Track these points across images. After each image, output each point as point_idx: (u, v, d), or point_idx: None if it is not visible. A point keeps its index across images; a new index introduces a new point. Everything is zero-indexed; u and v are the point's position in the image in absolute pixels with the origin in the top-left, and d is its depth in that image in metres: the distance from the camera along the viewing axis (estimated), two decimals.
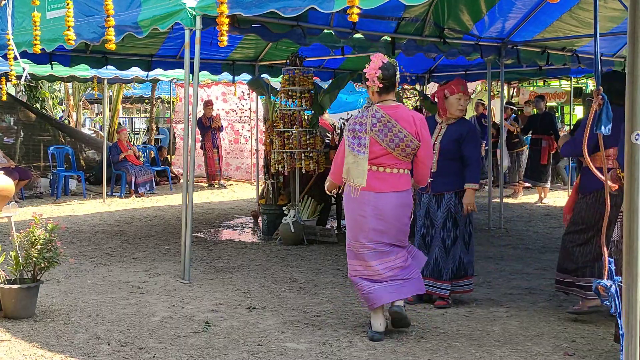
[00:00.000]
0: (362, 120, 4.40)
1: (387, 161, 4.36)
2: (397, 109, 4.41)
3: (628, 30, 2.46)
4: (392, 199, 4.39)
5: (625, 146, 2.49)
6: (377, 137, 4.33)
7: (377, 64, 4.37)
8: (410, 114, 4.44)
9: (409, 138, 4.32)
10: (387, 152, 4.34)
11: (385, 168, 4.37)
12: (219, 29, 4.91)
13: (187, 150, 6.19)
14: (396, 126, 4.31)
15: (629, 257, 2.50)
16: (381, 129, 4.33)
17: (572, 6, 7.95)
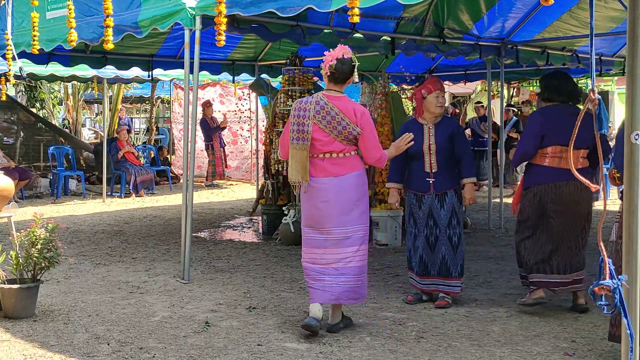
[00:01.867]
0: (306, 106, 4.52)
1: (336, 148, 4.47)
2: (341, 99, 4.52)
3: (628, 30, 2.47)
4: (352, 179, 4.50)
5: (625, 146, 2.49)
6: (320, 124, 4.45)
7: (336, 55, 4.54)
8: (352, 105, 4.52)
9: (351, 126, 4.43)
10: (333, 139, 4.45)
11: (338, 154, 4.48)
12: (217, 28, 4.91)
13: (187, 150, 6.19)
14: (339, 114, 4.44)
15: (629, 257, 2.50)
16: (324, 115, 4.45)
17: (571, 6, 7.95)
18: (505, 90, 15.46)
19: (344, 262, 4.49)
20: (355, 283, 4.52)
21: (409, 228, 5.37)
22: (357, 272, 4.52)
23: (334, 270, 4.48)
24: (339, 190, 4.45)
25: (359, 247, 4.51)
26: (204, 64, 10.24)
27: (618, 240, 4.14)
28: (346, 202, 4.47)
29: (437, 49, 8.30)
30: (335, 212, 4.46)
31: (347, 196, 4.46)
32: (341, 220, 4.47)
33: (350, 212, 4.48)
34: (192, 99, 7.03)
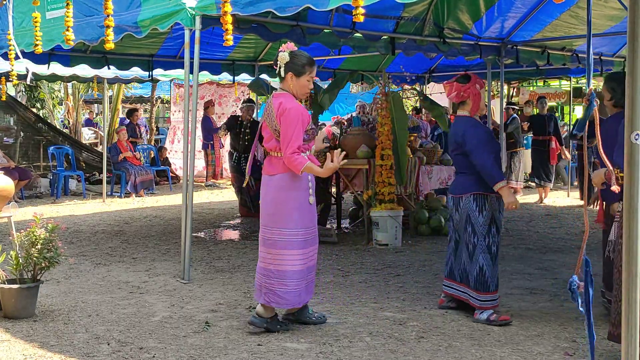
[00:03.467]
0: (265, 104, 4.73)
1: (270, 145, 4.55)
2: (280, 96, 4.55)
3: (628, 30, 2.46)
4: (276, 181, 4.53)
5: (625, 146, 2.49)
6: (266, 120, 4.57)
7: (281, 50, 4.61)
8: (279, 101, 4.49)
9: (275, 122, 4.49)
10: (271, 137, 4.55)
11: (271, 152, 4.55)
12: (224, 28, 4.91)
13: (187, 150, 6.19)
14: (272, 110, 4.51)
15: (629, 257, 2.50)
16: (268, 113, 4.56)
17: (571, 5, 7.96)
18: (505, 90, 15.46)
19: (266, 263, 4.56)
20: (278, 287, 4.49)
21: None
22: (279, 276, 4.49)
23: (260, 269, 4.61)
24: (265, 190, 4.58)
25: (278, 251, 4.51)
26: (204, 63, 10.25)
27: (618, 240, 4.14)
28: (270, 202, 4.54)
29: (437, 49, 8.30)
30: (264, 209, 4.59)
31: (269, 196, 4.55)
32: (267, 219, 4.56)
33: (273, 213, 4.52)
34: (192, 99, 7.03)
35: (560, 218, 9.83)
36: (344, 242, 8.08)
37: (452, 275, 5.08)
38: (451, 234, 5.11)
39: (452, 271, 5.07)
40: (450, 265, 5.10)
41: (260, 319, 4.54)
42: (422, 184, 8.60)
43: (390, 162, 7.80)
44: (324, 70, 11.68)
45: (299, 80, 4.51)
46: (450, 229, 5.12)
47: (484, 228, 4.86)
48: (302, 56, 4.54)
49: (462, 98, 4.93)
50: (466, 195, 4.89)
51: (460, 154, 4.94)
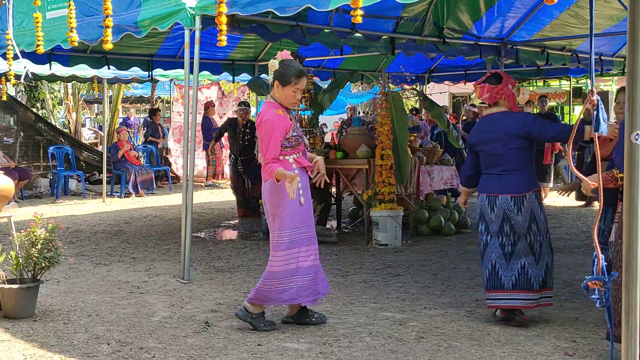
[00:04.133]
0: None
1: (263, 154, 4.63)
2: (265, 104, 4.64)
3: (628, 30, 2.46)
4: (268, 186, 4.60)
5: (625, 146, 2.49)
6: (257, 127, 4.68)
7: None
8: (262, 110, 4.59)
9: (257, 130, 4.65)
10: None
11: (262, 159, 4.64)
12: (219, 28, 4.91)
13: (187, 150, 6.19)
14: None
15: (629, 257, 2.50)
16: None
17: (570, 5, 7.96)
18: None
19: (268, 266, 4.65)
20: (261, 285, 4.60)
21: None
22: (265, 276, 4.60)
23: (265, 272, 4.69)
24: (264, 196, 4.67)
25: (276, 253, 4.59)
26: (204, 64, 10.25)
27: (618, 241, 4.14)
28: (266, 207, 4.67)
29: (437, 49, 8.31)
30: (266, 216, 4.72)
31: (267, 202, 4.63)
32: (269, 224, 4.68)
33: (270, 217, 4.63)
34: (192, 99, 7.03)
35: (560, 218, 9.83)
36: (344, 242, 8.08)
37: (500, 285, 4.67)
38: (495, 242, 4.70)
39: (501, 280, 4.66)
40: (499, 274, 4.67)
41: (246, 312, 4.61)
42: (422, 184, 8.60)
43: (390, 162, 7.80)
44: (324, 70, 11.68)
45: (284, 90, 4.54)
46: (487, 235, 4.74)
47: (545, 224, 4.74)
48: (291, 67, 4.54)
49: (495, 99, 4.79)
50: (529, 193, 4.65)
51: (514, 148, 4.65)
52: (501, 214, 4.66)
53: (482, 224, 4.79)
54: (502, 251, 4.67)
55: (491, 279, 4.70)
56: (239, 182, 10.19)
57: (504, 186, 4.66)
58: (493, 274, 4.70)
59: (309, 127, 8.18)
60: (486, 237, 4.75)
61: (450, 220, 8.69)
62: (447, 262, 6.94)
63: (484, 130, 4.85)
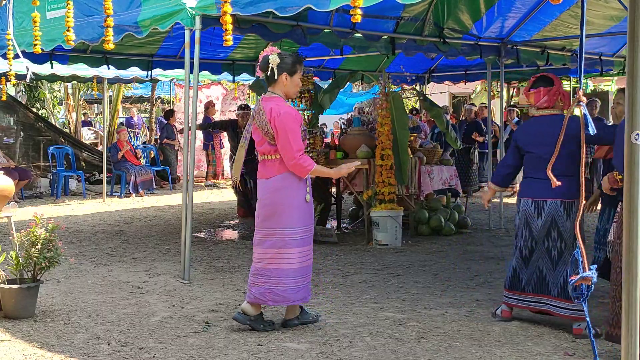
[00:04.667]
0: (254, 108, 4.69)
1: (264, 149, 4.56)
2: (271, 100, 4.56)
3: (628, 30, 2.46)
4: (274, 182, 4.55)
5: (625, 146, 2.49)
6: (256, 124, 4.57)
7: (261, 55, 4.61)
8: (272, 106, 4.51)
9: (268, 126, 4.50)
10: (264, 140, 4.55)
11: (265, 155, 4.57)
12: (224, 28, 4.91)
13: (187, 150, 6.19)
14: (263, 114, 4.52)
15: (629, 257, 2.50)
16: (258, 116, 4.55)
17: (571, 5, 7.95)
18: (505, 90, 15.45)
19: (264, 263, 4.55)
20: (275, 285, 4.53)
21: None
22: (278, 275, 4.53)
23: (255, 270, 4.60)
24: (263, 192, 4.59)
25: (277, 250, 4.52)
26: (204, 63, 10.24)
27: (617, 241, 4.14)
28: (269, 205, 4.55)
29: (437, 49, 8.31)
30: (261, 213, 4.59)
31: (269, 199, 4.55)
32: (265, 222, 4.57)
33: (271, 215, 4.54)
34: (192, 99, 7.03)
35: None
36: (344, 242, 8.09)
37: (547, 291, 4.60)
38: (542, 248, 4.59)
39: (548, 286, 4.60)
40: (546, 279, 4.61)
41: (244, 316, 4.58)
42: (423, 184, 8.60)
43: (390, 162, 7.80)
44: (324, 70, 11.68)
45: (293, 79, 4.56)
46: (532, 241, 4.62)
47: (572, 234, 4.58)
48: (291, 56, 4.62)
49: (553, 101, 4.62)
50: (577, 200, 4.48)
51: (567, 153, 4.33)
52: (549, 220, 4.54)
53: (525, 230, 4.64)
54: (549, 257, 4.57)
55: (539, 284, 4.62)
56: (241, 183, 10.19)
57: (553, 191, 4.27)
58: (540, 279, 4.62)
59: (309, 127, 8.17)
60: (531, 243, 4.63)
61: (450, 220, 8.70)
62: (447, 262, 6.94)
63: (536, 132, 4.64)
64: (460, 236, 8.53)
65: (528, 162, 4.70)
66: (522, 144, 4.76)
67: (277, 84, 4.55)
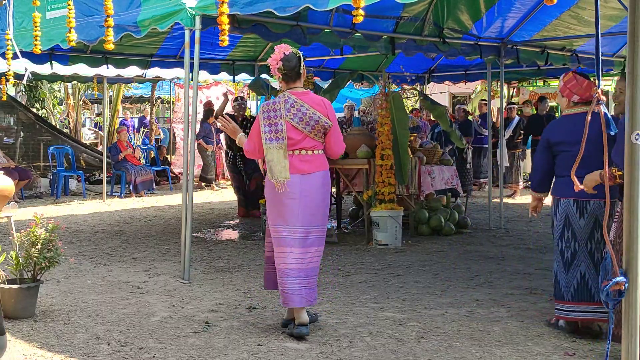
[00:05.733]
0: (275, 106, 4.47)
1: (307, 144, 4.46)
2: (308, 94, 4.54)
3: (628, 30, 2.46)
4: (319, 178, 4.49)
5: (625, 146, 2.49)
6: (292, 122, 4.42)
7: (279, 56, 4.51)
8: (320, 98, 4.58)
9: (323, 119, 4.44)
10: (305, 136, 4.45)
11: (307, 150, 4.48)
12: (221, 28, 4.91)
13: (187, 150, 6.19)
14: (309, 109, 4.43)
15: (629, 257, 2.50)
16: (295, 113, 4.43)
17: (571, 5, 7.96)
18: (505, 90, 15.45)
19: (306, 263, 4.46)
20: (312, 285, 4.48)
21: None
22: (313, 274, 4.51)
23: (300, 272, 4.44)
24: (304, 188, 4.44)
25: (317, 248, 4.51)
26: (204, 63, 10.25)
27: (617, 240, 4.14)
28: (311, 201, 4.45)
29: (437, 48, 8.31)
30: (299, 210, 4.43)
31: (312, 195, 4.45)
32: (305, 219, 4.45)
33: (314, 211, 4.47)
34: (192, 99, 7.03)
35: None
36: (344, 242, 8.08)
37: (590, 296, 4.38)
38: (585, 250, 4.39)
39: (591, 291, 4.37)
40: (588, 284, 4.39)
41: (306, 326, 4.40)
42: (423, 184, 8.60)
43: (390, 162, 7.81)
44: (324, 70, 11.68)
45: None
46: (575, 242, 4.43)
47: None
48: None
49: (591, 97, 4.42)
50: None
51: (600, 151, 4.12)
52: (592, 220, 4.37)
53: (567, 231, 4.43)
54: (591, 260, 4.39)
55: (579, 289, 4.39)
56: (240, 181, 10.17)
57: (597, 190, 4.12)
58: (582, 284, 4.39)
59: None
60: (574, 245, 4.41)
61: (450, 220, 8.70)
62: (448, 262, 6.94)
63: (572, 129, 4.40)
64: (460, 236, 8.53)
65: (563, 160, 4.50)
66: (557, 142, 4.53)
67: (301, 78, 4.56)
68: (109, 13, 5.13)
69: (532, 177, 5.01)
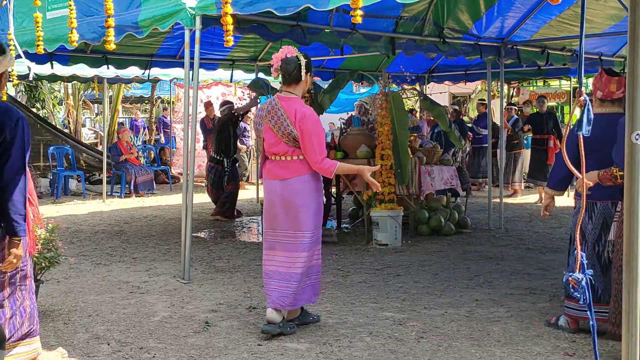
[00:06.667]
0: (264, 106, 4.58)
1: (280, 149, 4.47)
2: (290, 100, 4.50)
3: (628, 30, 2.46)
4: (297, 183, 4.47)
5: (625, 146, 2.49)
6: (269, 124, 4.47)
7: (281, 56, 4.51)
8: (296, 107, 4.45)
9: (290, 127, 4.42)
10: (278, 140, 4.46)
11: (282, 156, 4.47)
12: (225, 29, 4.91)
13: (187, 150, 6.20)
14: (283, 115, 4.44)
15: (629, 257, 2.50)
16: (273, 116, 4.47)
17: (571, 5, 7.96)
18: (505, 90, 15.46)
19: (286, 267, 4.46)
20: (295, 289, 4.46)
21: None
22: (298, 279, 4.47)
23: (278, 274, 4.47)
24: (282, 194, 4.46)
25: (299, 254, 4.47)
26: (204, 63, 10.24)
27: (618, 240, 4.14)
28: (290, 207, 4.46)
29: (437, 48, 8.31)
30: (280, 216, 4.47)
31: (291, 200, 4.45)
32: (286, 224, 4.46)
33: (294, 217, 4.45)
34: (192, 99, 7.03)
35: (560, 218, 9.82)
36: (344, 242, 8.08)
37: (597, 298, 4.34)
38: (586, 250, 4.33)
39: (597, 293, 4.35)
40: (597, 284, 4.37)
41: (272, 325, 4.43)
42: (424, 184, 8.60)
43: (390, 162, 7.81)
44: (324, 70, 11.68)
45: (309, 77, 4.61)
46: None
47: None
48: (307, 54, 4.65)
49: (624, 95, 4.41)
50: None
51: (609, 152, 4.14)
52: (600, 222, 4.35)
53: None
54: (597, 262, 4.38)
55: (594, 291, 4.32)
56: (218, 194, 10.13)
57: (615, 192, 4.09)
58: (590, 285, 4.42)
59: None
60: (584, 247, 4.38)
61: (450, 220, 8.70)
62: (447, 262, 6.94)
63: (604, 131, 4.22)
64: (460, 236, 8.53)
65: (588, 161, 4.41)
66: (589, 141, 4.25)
67: (300, 84, 4.52)
68: (109, 13, 5.14)
69: (552, 175, 4.91)
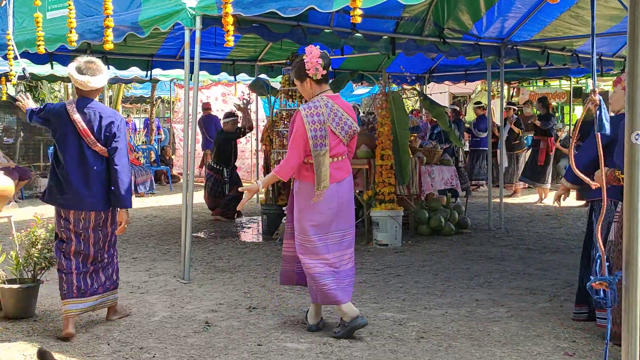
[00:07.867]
0: (318, 110, 4.34)
1: (340, 150, 4.44)
2: (338, 97, 4.50)
3: (628, 30, 2.46)
4: (349, 183, 4.51)
5: (625, 146, 2.49)
6: (332, 127, 4.36)
7: (316, 54, 4.40)
8: (347, 102, 4.52)
9: (354, 125, 4.43)
10: (339, 141, 4.42)
11: (339, 157, 4.45)
12: (225, 29, 4.90)
13: (187, 150, 6.20)
14: (344, 114, 4.39)
15: (629, 257, 2.50)
16: (333, 118, 4.37)
17: (571, 5, 7.96)
18: (505, 90, 15.46)
19: (353, 262, 4.53)
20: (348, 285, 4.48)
21: None
22: (352, 274, 4.54)
23: (352, 270, 4.51)
24: (340, 195, 4.42)
25: (352, 250, 4.53)
26: (204, 63, 10.24)
27: (618, 240, 4.14)
28: (347, 205, 4.47)
29: (438, 49, 8.31)
30: (336, 217, 4.41)
31: (349, 199, 4.48)
32: (340, 224, 4.43)
33: (347, 216, 4.48)
34: (192, 99, 7.03)
35: (560, 218, 9.83)
36: None
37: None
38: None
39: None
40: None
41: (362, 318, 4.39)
42: (424, 184, 8.60)
43: (390, 162, 7.81)
44: None
45: None
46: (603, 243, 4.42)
47: None
48: None
49: None
50: None
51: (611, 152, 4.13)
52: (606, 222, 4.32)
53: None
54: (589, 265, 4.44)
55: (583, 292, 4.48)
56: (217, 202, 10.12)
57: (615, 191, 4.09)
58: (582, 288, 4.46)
59: None
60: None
61: (450, 220, 8.70)
62: (447, 262, 6.94)
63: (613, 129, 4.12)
64: (460, 236, 8.53)
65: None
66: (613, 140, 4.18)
67: (327, 82, 4.50)
68: (107, 13, 5.14)
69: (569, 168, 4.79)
